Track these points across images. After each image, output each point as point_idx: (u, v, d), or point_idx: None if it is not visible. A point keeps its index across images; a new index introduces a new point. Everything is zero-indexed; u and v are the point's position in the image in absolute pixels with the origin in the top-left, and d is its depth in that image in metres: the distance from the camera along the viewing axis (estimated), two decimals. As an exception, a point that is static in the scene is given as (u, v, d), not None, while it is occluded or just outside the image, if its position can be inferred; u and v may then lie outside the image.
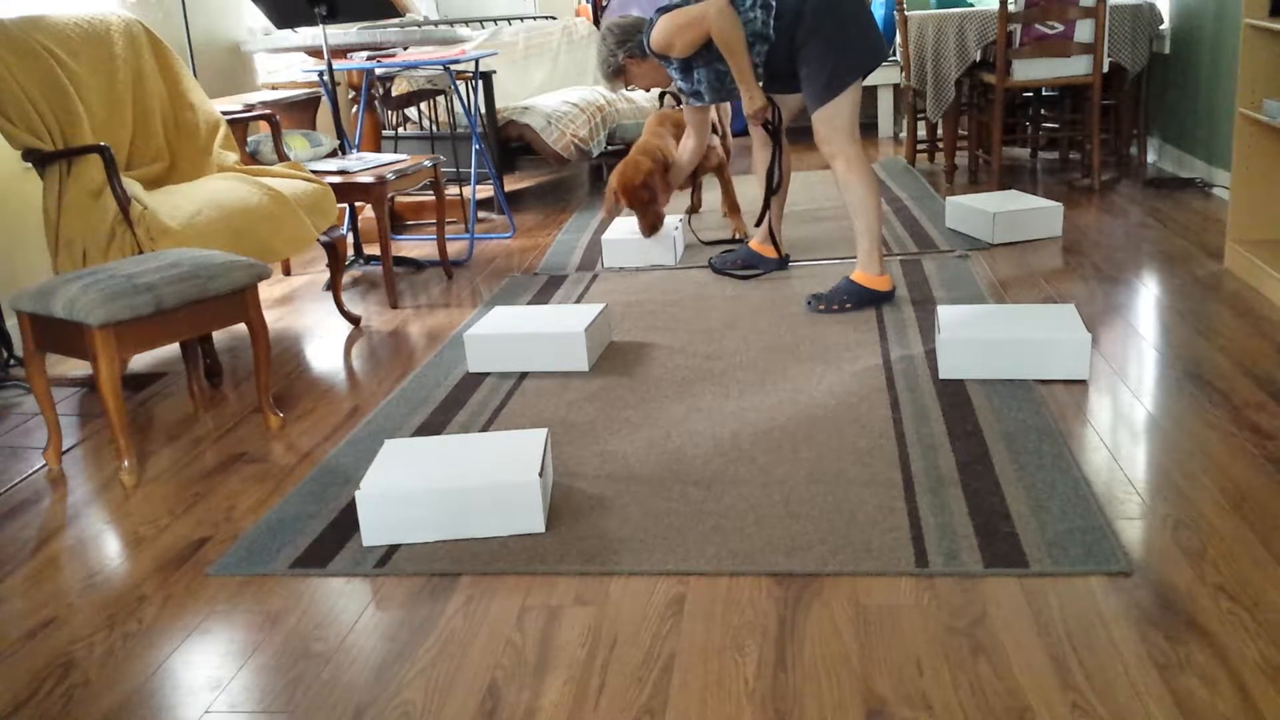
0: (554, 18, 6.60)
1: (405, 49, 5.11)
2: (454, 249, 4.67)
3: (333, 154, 4.58)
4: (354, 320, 3.70)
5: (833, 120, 3.28)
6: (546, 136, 5.10)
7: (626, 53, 3.54)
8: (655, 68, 3.56)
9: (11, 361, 3.39)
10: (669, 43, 3.35)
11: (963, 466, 2.26)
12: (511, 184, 6.20)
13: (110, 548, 2.23)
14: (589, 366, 3.02)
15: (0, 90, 3.01)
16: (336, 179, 3.78)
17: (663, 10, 3.39)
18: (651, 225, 4.05)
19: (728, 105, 4.71)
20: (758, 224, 3.78)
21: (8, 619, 1.98)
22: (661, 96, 4.49)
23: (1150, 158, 5.45)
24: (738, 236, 4.36)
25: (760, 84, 3.47)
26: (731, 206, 4.42)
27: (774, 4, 3.24)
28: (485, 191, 5.73)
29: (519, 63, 6.12)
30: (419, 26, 5.28)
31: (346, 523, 2.23)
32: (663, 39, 3.35)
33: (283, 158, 3.95)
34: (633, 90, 3.84)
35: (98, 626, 1.93)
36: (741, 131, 7.05)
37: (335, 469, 2.50)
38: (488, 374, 3.05)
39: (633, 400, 2.77)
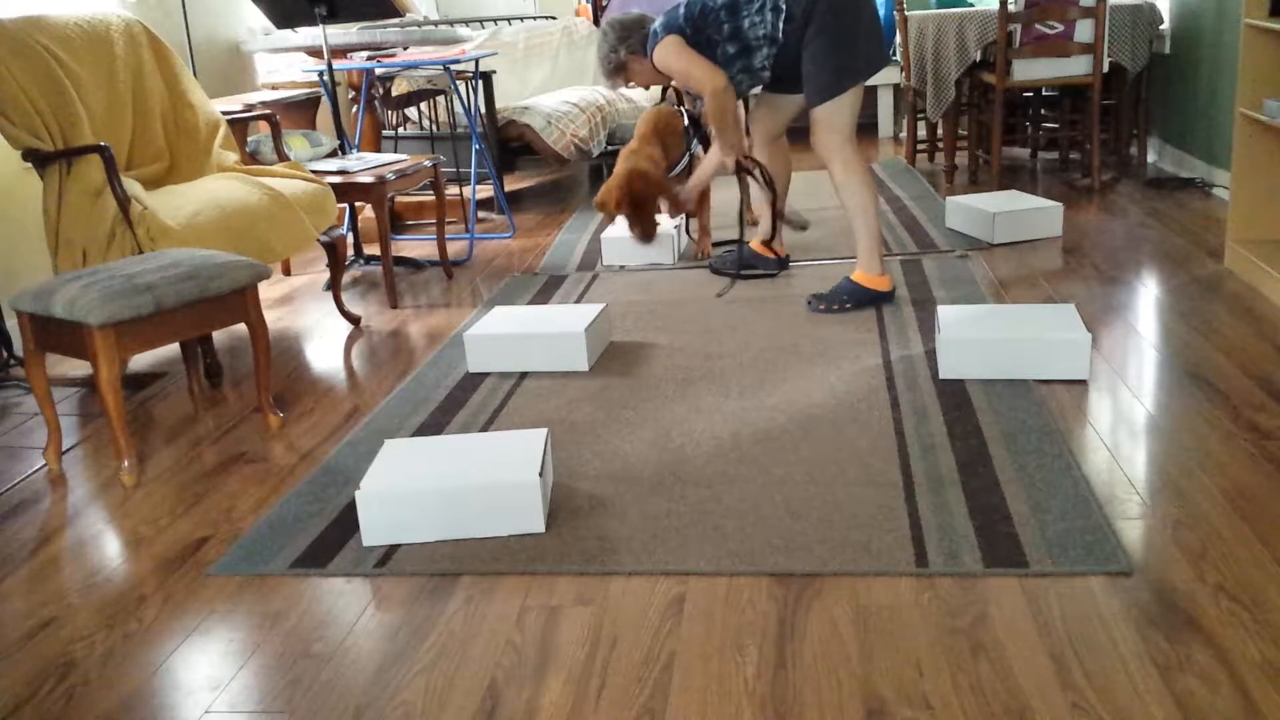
0: (554, 18, 6.61)
1: (405, 49, 5.11)
2: (454, 249, 4.67)
3: (333, 154, 4.58)
4: (354, 320, 3.70)
5: (830, 121, 3.28)
6: (546, 136, 5.10)
7: (628, 49, 3.52)
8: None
9: (11, 361, 3.39)
10: (668, 69, 3.39)
11: (963, 466, 2.26)
12: (511, 184, 6.20)
13: (110, 548, 2.23)
14: (589, 366, 3.02)
15: (0, 90, 3.02)
16: (336, 179, 3.78)
17: (669, 16, 3.38)
18: (647, 233, 3.96)
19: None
20: (769, 240, 3.78)
21: (8, 619, 1.98)
22: (664, 92, 4.44)
23: (1150, 158, 5.45)
24: (700, 255, 4.19)
25: (763, 87, 3.46)
26: (703, 227, 4.23)
27: (784, 7, 3.23)
28: (485, 191, 5.73)
29: (519, 63, 6.11)
30: (419, 26, 5.29)
31: (346, 523, 2.23)
32: (664, 64, 3.38)
33: (283, 158, 3.95)
34: (632, 88, 3.79)
35: (98, 626, 1.93)
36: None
37: (335, 469, 2.50)
38: (488, 374, 3.05)
39: (633, 400, 2.77)
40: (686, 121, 4.20)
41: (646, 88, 4.07)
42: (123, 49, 3.42)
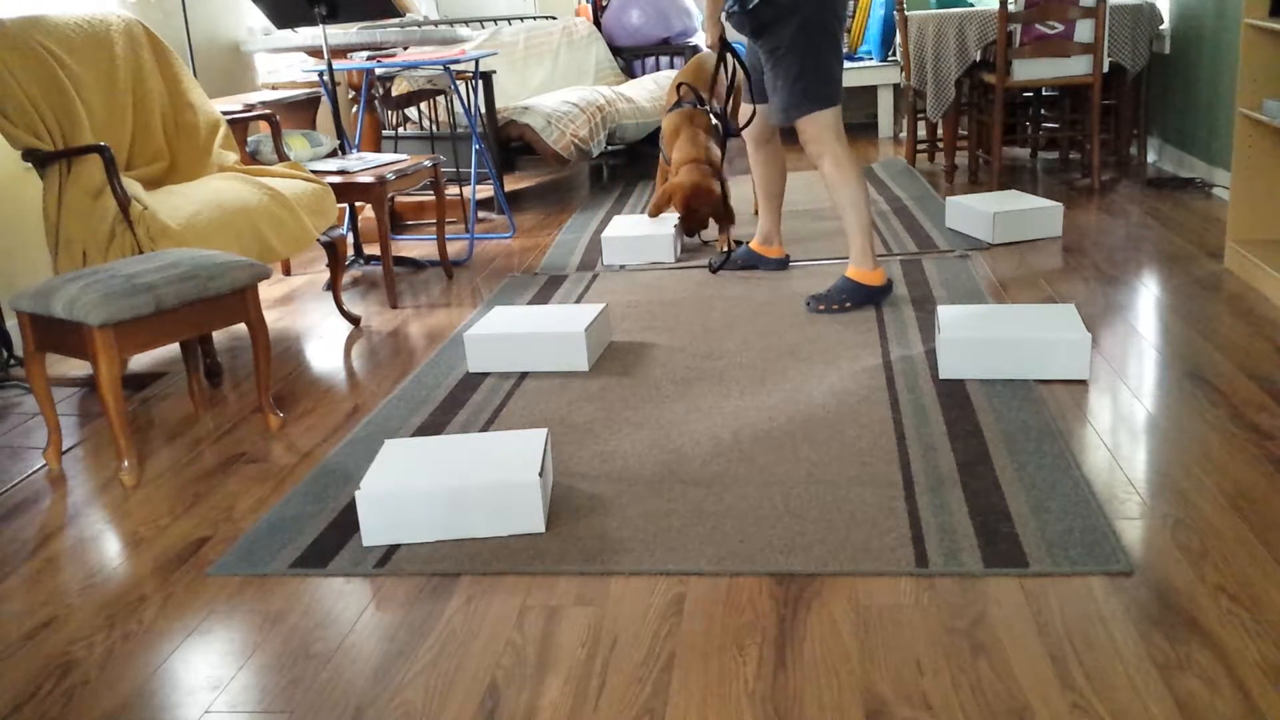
0: (554, 18, 6.60)
1: (405, 49, 5.11)
2: (454, 249, 4.67)
3: (333, 154, 4.58)
4: (354, 320, 3.70)
5: (819, 119, 3.27)
6: (546, 136, 5.10)
7: None
8: None
9: (11, 361, 3.39)
10: None
11: (963, 466, 2.26)
12: (511, 184, 6.20)
13: (110, 548, 2.23)
14: (589, 366, 3.02)
15: (0, 90, 3.01)
16: (336, 179, 3.78)
17: None
18: (694, 231, 4.27)
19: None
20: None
21: (8, 619, 1.98)
22: (675, 89, 4.44)
23: (1150, 158, 5.45)
24: (723, 249, 4.19)
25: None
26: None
27: None
28: (485, 191, 5.73)
29: (519, 63, 6.11)
30: (419, 26, 5.28)
31: (346, 523, 2.23)
32: None
33: (283, 158, 3.95)
34: None
35: (98, 626, 1.93)
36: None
37: (335, 469, 2.50)
38: (488, 374, 3.05)
39: (633, 400, 2.77)
40: (713, 120, 4.36)
41: None
42: (123, 49, 3.42)
